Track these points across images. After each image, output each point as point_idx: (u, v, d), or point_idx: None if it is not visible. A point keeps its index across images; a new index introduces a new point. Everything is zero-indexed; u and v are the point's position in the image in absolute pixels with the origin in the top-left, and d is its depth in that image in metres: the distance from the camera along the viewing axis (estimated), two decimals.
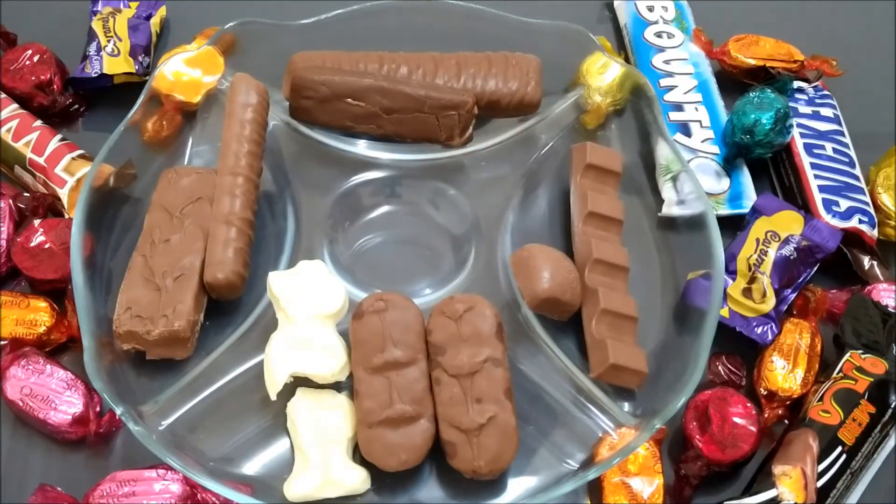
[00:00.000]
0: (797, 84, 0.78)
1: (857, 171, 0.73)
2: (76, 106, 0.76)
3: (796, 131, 0.74)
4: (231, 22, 0.73)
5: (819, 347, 0.65)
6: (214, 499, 0.57)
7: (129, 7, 0.81)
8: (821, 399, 0.60)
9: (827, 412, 0.60)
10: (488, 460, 0.56)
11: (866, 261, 0.70)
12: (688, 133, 0.75)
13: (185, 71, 0.72)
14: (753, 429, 0.60)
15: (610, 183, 0.69)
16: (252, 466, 0.59)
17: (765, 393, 0.63)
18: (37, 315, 0.64)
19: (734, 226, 0.70)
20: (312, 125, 0.72)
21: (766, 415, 0.62)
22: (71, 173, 0.70)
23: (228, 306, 0.64)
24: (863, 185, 0.72)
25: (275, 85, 0.71)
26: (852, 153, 0.74)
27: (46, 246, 0.66)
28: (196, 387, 0.60)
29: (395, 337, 0.59)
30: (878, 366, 0.62)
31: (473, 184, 0.72)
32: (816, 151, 0.74)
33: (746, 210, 0.71)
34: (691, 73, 0.79)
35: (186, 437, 0.59)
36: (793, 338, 0.65)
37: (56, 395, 0.60)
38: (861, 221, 0.70)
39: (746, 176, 0.74)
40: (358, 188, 0.72)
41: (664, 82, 0.78)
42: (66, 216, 0.69)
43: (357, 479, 0.57)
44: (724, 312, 0.65)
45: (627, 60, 0.82)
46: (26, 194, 0.70)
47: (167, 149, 0.71)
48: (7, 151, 0.71)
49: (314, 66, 0.70)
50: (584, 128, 0.75)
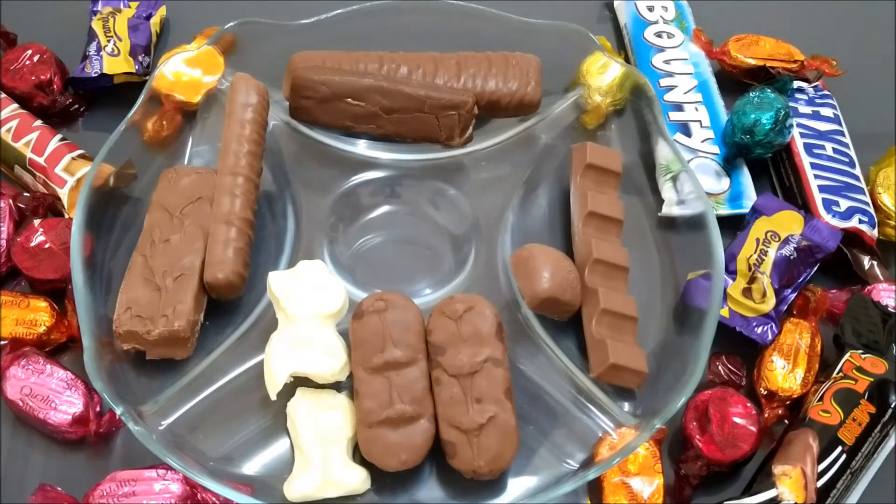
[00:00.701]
0: (797, 84, 0.78)
1: (857, 171, 0.73)
2: (76, 106, 0.76)
3: (796, 131, 0.74)
4: (231, 22, 0.73)
5: (819, 347, 0.65)
6: (214, 499, 0.57)
7: (129, 7, 0.81)
8: (821, 399, 0.60)
9: (827, 412, 0.60)
10: (488, 460, 0.56)
11: (866, 261, 0.70)
12: (688, 133, 0.75)
13: (185, 71, 0.72)
14: (753, 429, 0.60)
15: (610, 183, 0.69)
16: (252, 466, 0.59)
17: (765, 393, 0.63)
18: (37, 315, 0.64)
19: (734, 226, 0.70)
20: (312, 125, 0.72)
21: (766, 415, 0.62)
22: (71, 173, 0.70)
23: (228, 306, 0.64)
24: (863, 185, 0.72)
25: (275, 85, 0.71)
26: (852, 153, 0.74)
27: (46, 246, 0.66)
28: (196, 387, 0.60)
29: (395, 337, 0.59)
30: (878, 366, 0.62)
31: (473, 184, 0.72)
32: (816, 151, 0.74)
33: (746, 210, 0.71)
34: (691, 73, 0.79)
35: (186, 437, 0.59)
36: (793, 338, 0.65)
37: (56, 395, 0.60)
38: (861, 221, 0.70)
39: (746, 176, 0.74)
40: (358, 188, 0.72)
41: (664, 82, 0.78)
42: (66, 216, 0.69)
43: (357, 479, 0.57)
44: (724, 312, 0.65)
45: (627, 60, 0.82)
46: (26, 194, 0.70)
47: (167, 149, 0.71)
48: (7, 151, 0.71)
49: (314, 66, 0.70)
50: (584, 128, 0.75)
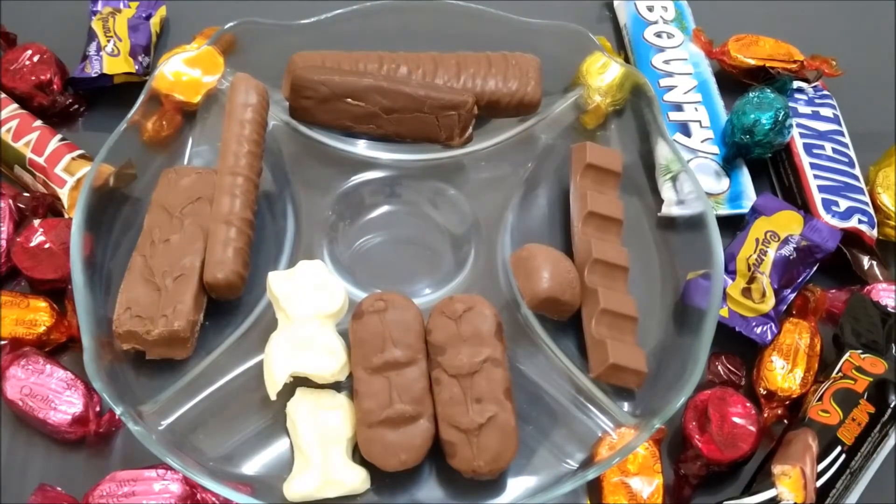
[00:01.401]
0: (797, 84, 0.78)
1: (857, 171, 0.73)
2: (76, 106, 0.76)
3: (796, 131, 0.75)
4: (231, 22, 0.73)
5: (818, 347, 0.65)
6: (214, 499, 0.57)
7: (129, 7, 0.81)
8: (820, 399, 0.60)
9: (826, 412, 0.60)
10: (488, 460, 0.56)
11: (866, 261, 0.70)
12: (688, 133, 0.75)
13: (185, 71, 0.72)
14: (753, 428, 0.60)
15: (610, 183, 0.69)
16: (252, 466, 0.59)
17: (764, 393, 0.63)
18: (37, 315, 0.64)
19: (734, 226, 0.70)
20: (312, 125, 0.72)
21: (766, 415, 0.62)
22: (71, 173, 0.70)
23: (228, 306, 0.64)
24: (862, 185, 0.72)
25: (275, 85, 0.71)
26: (852, 153, 0.74)
27: (46, 246, 0.66)
28: (196, 387, 0.60)
29: (395, 337, 0.59)
30: (878, 366, 0.62)
31: (473, 184, 0.72)
32: (816, 151, 0.74)
33: (746, 210, 0.71)
34: (691, 73, 0.79)
35: (186, 437, 0.59)
36: (792, 338, 0.65)
37: (56, 395, 0.60)
38: (860, 221, 0.70)
39: (746, 176, 0.74)
40: (358, 188, 0.72)
41: (664, 82, 0.78)
42: (66, 216, 0.69)
43: (357, 479, 0.57)
44: (724, 312, 0.65)
45: (627, 60, 0.82)
46: (26, 194, 0.70)
47: (167, 149, 0.71)
48: (7, 151, 0.71)
49: (314, 66, 0.70)
50: (584, 128, 0.75)
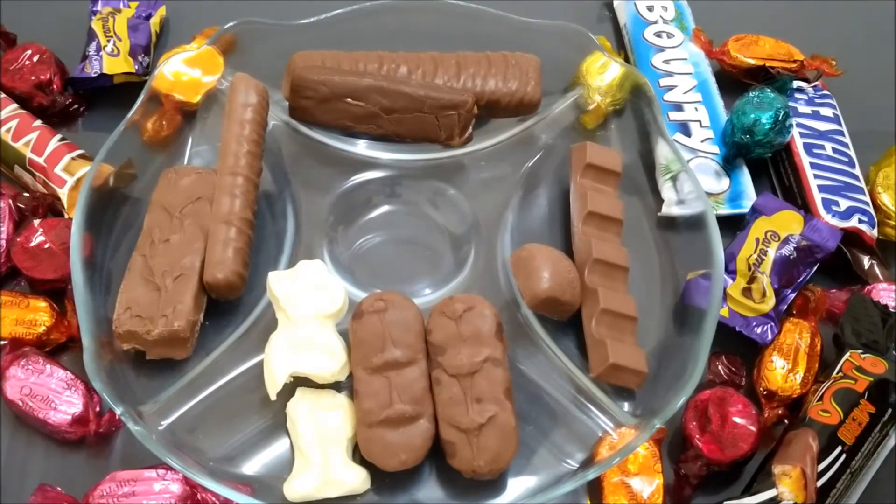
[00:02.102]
0: (797, 84, 0.78)
1: (857, 171, 0.73)
2: (76, 106, 0.76)
3: (796, 131, 0.74)
4: (231, 22, 0.73)
5: (819, 347, 0.65)
6: (214, 499, 0.57)
7: (129, 7, 0.81)
8: (820, 399, 0.60)
9: (827, 412, 0.60)
10: (488, 460, 0.56)
11: (866, 261, 0.70)
12: (688, 133, 0.75)
13: (185, 71, 0.72)
14: (753, 428, 0.60)
15: (610, 183, 0.69)
16: (252, 466, 0.59)
17: (765, 393, 0.63)
18: (36, 315, 0.64)
19: (734, 226, 0.70)
20: (312, 125, 0.72)
21: (766, 414, 0.62)
22: (71, 173, 0.70)
23: (228, 306, 0.64)
24: (862, 185, 0.72)
25: (275, 85, 0.71)
26: (852, 153, 0.74)
27: (46, 246, 0.66)
28: (196, 387, 0.60)
29: (395, 337, 0.59)
30: (878, 365, 0.62)
31: (473, 184, 0.72)
32: (816, 151, 0.74)
33: (746, 210, 0.71)
34: (691, 73, 0.79)
35: (186, 437, 0.59)
36: (792, 337, 0.65)
37: (56, 395, 0.60)
38: (861, 221, 0.70)
39: (746, 176, 0.74)
40: (358, 188, 0.72)
41: (664, 82, 0.78)
42: (66, 216, 0.69)
43: (357, 479, 0.57)
44: (724, 312, 0.65)
45: (627, 60, 0.82)
46: (26, 194, 0.70)
47: (167, 149, 0.71)
48: (7, 151, 0.71)
49: (314, 66, 0.70)
50: (584, 128, 0.75)
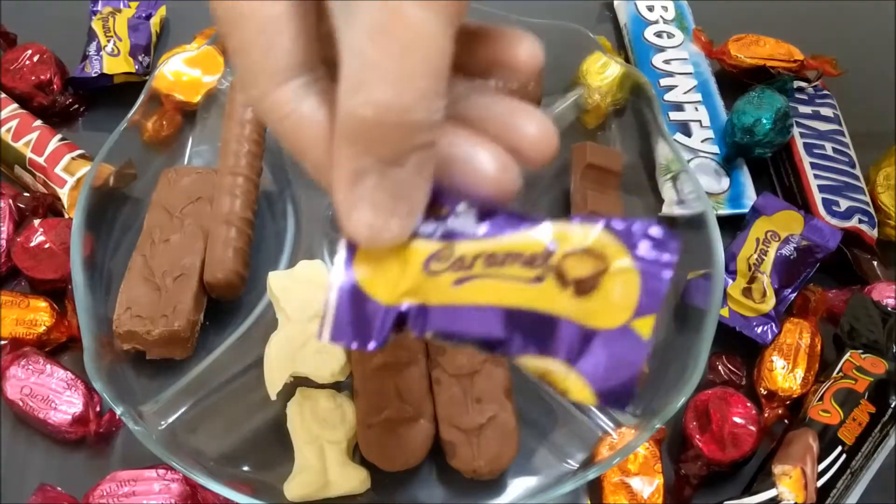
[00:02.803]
0: (797, 84, 0.78)
1: (857, 171, 0.73)
2: (76, 106, 0.76)
3: (796, 131, 0.74)
4: None
5: (819, 347, 0.65)
6: (214, 499, 0.57)
7: (129, 7, 0.81)
8: (821, 399, 0.60)
9: (827, 412, 0.60)
10: (488, 460, 0.56)
11: (866, 261, 0.70)
12: (688, 133, 0.75)
13: (185, 71, 0.72)
14: (753, 429, 0.60)
15: (610, 183, 0.69)
16: (252, 466, 0.59)
17: (765, 393, 0.63)
18: (37, 315, 0.64)
19: (734, 226, 0.70)
20: None
21: (766, 415, 0.62)
22: (71, 173, 0.70)
23: (228, 306, 0.64)
24: (863, 185, 0.72)
25: None
26: (852, 153, 0.74)
27: (46, 246, 0.66)
28: (196, 387, 0.60)
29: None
30: (878, 366, 0.62)
31: None
32: (816, 151, 0.74)
33: (746, 210, 0.71)
34: (691, 73, 0.79)
35: (186, 437, 0.59)
36: (793, 337, 0.65)
37: (56, 395, 0.60)
38: (861, 221, 0.70)
39: (746, 176, 0.74)
40: None
41: (664, 82, 0.78)
42: (66, 216, 0.69)
43: (357, 479, 0.57)
44: (724, 312, 0.65)
45: (627, 60, 0.82)
46: (26, 194, 0.70)
47: (167, 149, 0.71)
48: (7, 151, 0.71)
49: None
50: (584, 128, 0.75)
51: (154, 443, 0.55)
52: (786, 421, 0.63)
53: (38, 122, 0.72)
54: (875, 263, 0.70)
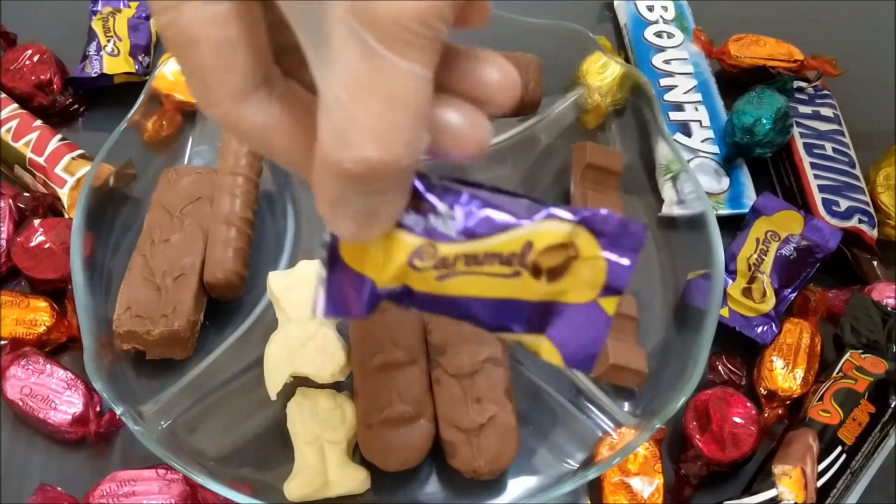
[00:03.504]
0: (797, 84, 0.78)
1: (857, 171, 0.73)
2: (76, 106, 0.76)
3: (796, 131, 0.74)
4: None
5: (819, 347, 0.65)
6: (214, 499, 0.57)
7: (129, 7, 0.81)
8: (821, 399, 0.60)
9: (827, 412, 0.60)
10: (488, 460, 0.56)
11: (866, 261, 0.70)
12: (688, 133, 0.75)
13: None
14: (753, 429, 0.60)
15: (610, 183, 0.69)
16: (252, 466, 0.59)
17: (765, 393, 0.63)
18: (37, 315, 0.64)
19: (734, 226, 0.70)
20: None
21: (766, 415, 0.62)
22: (71, 173, 0.70)
23: (228, 306, 0.64)
24: (863, 185, 0.72)
25: None
26: (852, 153, 0.74)
27: (46, 246, 0.66)
28: (196, 387, 0.60)
29: (395, 337, 0.59)
30: (878, 366, 0.62)
31: None
32: (816, 151, 0.74)
33: (746, 210, 0.71)
34: (691, 73, 0.79)
35: (186, 438, 0.59)
36: (793, 338, 0.65)
37: (56, 395, 0.60)
38: (861, 221, 0.70)
39: (746, 176, 0.74)
40: None
41: (664, 82, 0.78)
42: (66, 216, 0.69)
43: (357, 479, 0.57)
44: (724, 312, 0.65)
45: (627, 60, 0.82)
46: (26, 194, 0.70)
47: (167, 149, 0.71)
48: (7, 151, 0.71)
49: None
50: (584, 128, 0.75)
51: (154, 443, 0.55)
52: (786, 421, 0.63)
53: (38, 122, 0.72)
54: (875, 263, 0.70)
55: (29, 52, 0.76)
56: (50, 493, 0.57)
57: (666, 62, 0.79)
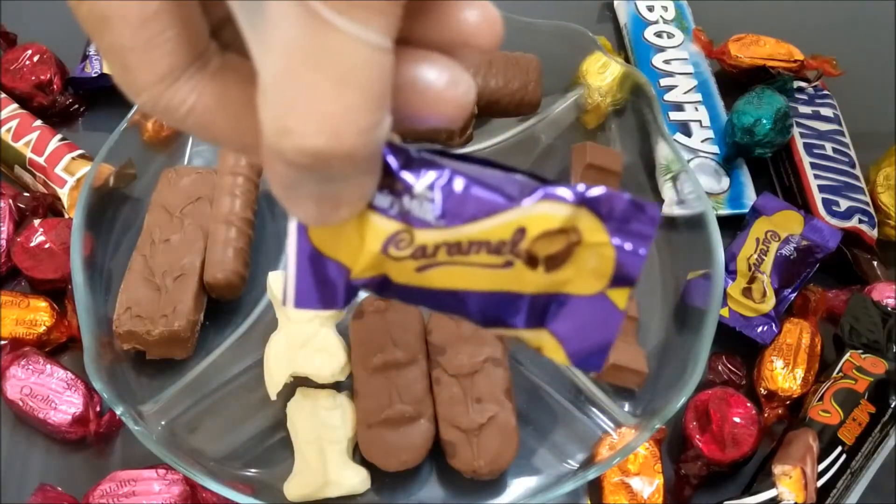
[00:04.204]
0: (797, 84, 0.78)
1: (857, 171, 0.73)
2: (76, 106, 0.76)
3: (796, 131, 0.74)
4: None
5: (819, 347, 0.65)
6: (214, 499, 0.57)
7: None
8: (821, 399, 0.60)
9: (827, 412, 0.60)
10: (488, 460, 0.56)
11: (866, 261, 0.70)
12: (688, 133, 0.75)
13: None
14: (753, 429, 0.60)
15: (610, 183, 0.69)
16: (252, 466, 0.59)
17: (765, 393, 0.63)
18: (37, 315, 0.64)
19: (734, 226, 0.70)
20: None
21: (766, 415, 0.62)
22: (71, 173, 0.70)
23: (228, 306, 0.64)
24: (863, 185, 0.72)
25: None
26: (852, 153, 0.74)
27: (46, 246, 0.66)
28: (196, 387, 0.60)
29: (395, 337, 0.59)
30: (878, 366, 0.62)
31: None
32: (816, 151, 0.74)
33: (746, 210, 0.71)
34: (691, 73, 0.79)
35: (186, 437, 0.59)
36: (793, 338, 0.65)
37: (56, 395, 0.60)
38: (861, 221, 0.70)
39: (746, 176, 0.74)
40: None
41: (664, 82, 0.78)
42: (66, 216, 0.69)
43: (357, 479, 0.57)
44: (724, 312, 0.65)
45: (627, 60, 0.82)
46: (26, 194, 0.70)
47: (167, 149, 0.71)
48: (7, 151, 0.71)
49: None
50: (584, 128, 0.75)
51: (154, 443, 0.55)
52: (786, 421, 0.63)
53: (38, 122, 0.72)
54: (875, 263, 0.70)
55: (29, 52, 0.76)
56: (50, 493, 0.57)
57: (666, 62, 0.79)
